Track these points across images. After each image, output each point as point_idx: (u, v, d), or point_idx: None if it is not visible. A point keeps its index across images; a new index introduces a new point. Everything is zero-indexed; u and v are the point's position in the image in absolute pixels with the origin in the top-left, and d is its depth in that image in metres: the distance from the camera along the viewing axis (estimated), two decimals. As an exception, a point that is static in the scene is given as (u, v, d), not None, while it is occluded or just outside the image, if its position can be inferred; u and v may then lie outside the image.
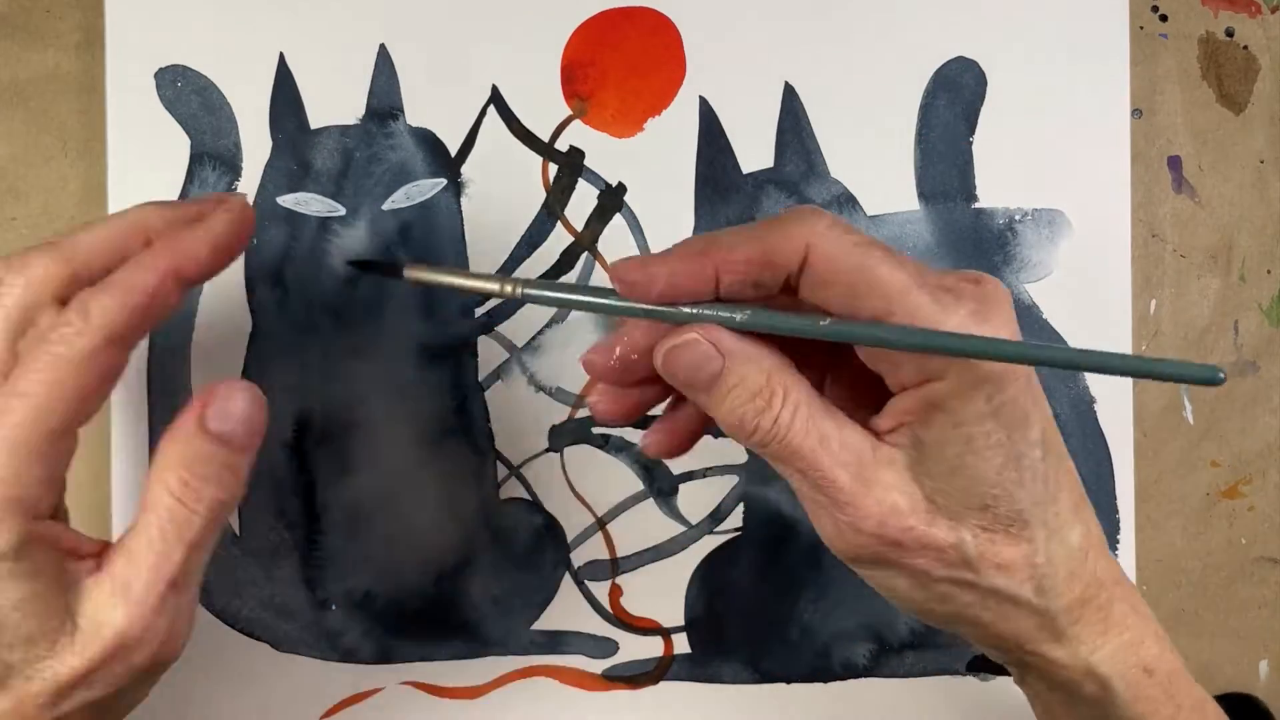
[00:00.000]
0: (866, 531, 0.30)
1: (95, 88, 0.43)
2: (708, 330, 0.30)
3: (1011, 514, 0.30)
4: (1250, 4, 0.46)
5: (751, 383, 0.30)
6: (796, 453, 0.30)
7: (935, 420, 0.29)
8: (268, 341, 0.44)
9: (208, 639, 0.44)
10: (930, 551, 0.30)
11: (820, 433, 0.29)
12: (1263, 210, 0.46)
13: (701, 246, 0.30)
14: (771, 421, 0.30)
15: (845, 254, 0.29)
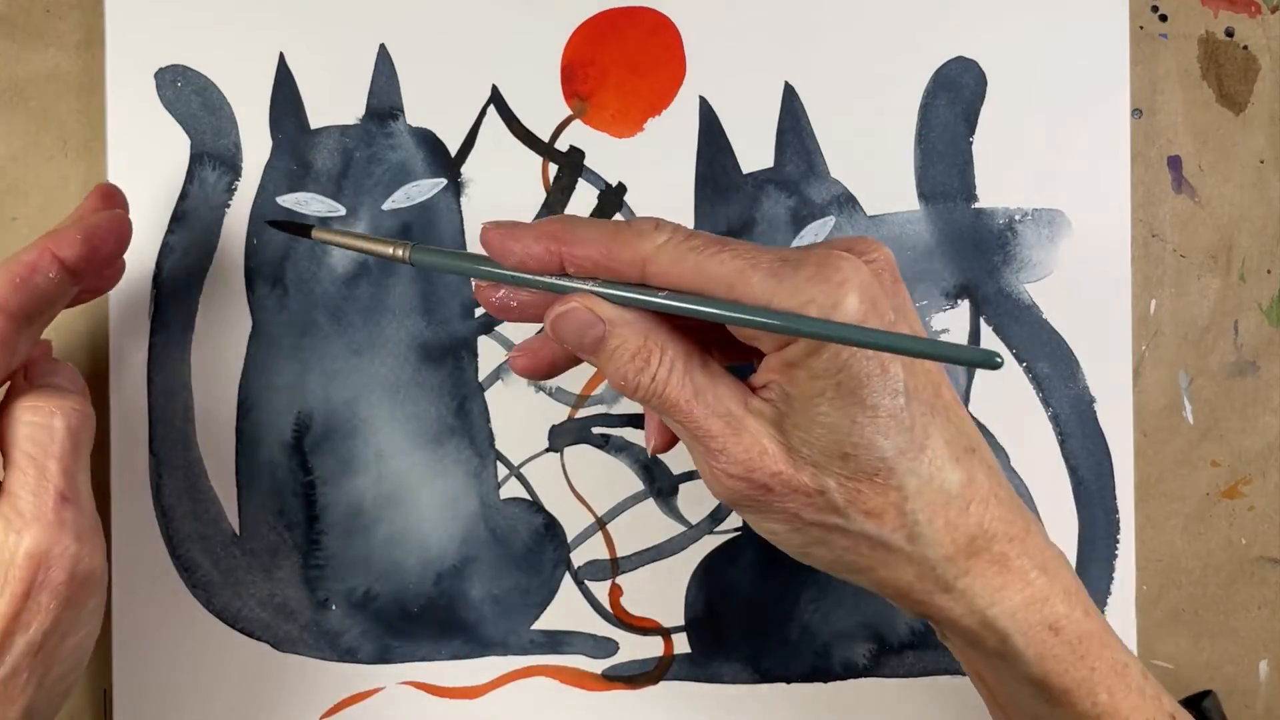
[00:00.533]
0: (737, 475, 0.32)
1: (95, 87, 0.43)
2: (586, 299, 0.32)
3: (874, 462, 0.31)
4: (1250, 4, 0.46)
5: (630, 345, 0.32)
6: (674, 405, 0.32)
7: (795, 377, 0.31)
8: (268, 341, 0.44)
9: (208, 639, 0.44)
10: (798, 495, 0.31)
11: (695, 386, 0.32)
12: (1263, 210, 0.46)
13: (555, 232, 0.32)
14: (650, 378, 0.32)
15: (679, 263, 0.31)
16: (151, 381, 0.43)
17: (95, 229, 0.36)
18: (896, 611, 0.45)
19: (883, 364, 0.30)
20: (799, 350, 0.30)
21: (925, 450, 0.31)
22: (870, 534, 0.32)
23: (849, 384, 0.30)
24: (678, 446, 0.44)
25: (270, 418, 0.44)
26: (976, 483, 0.32)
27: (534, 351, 0.36)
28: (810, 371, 0.30)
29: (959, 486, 0.32)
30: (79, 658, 0.35)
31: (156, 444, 0.43)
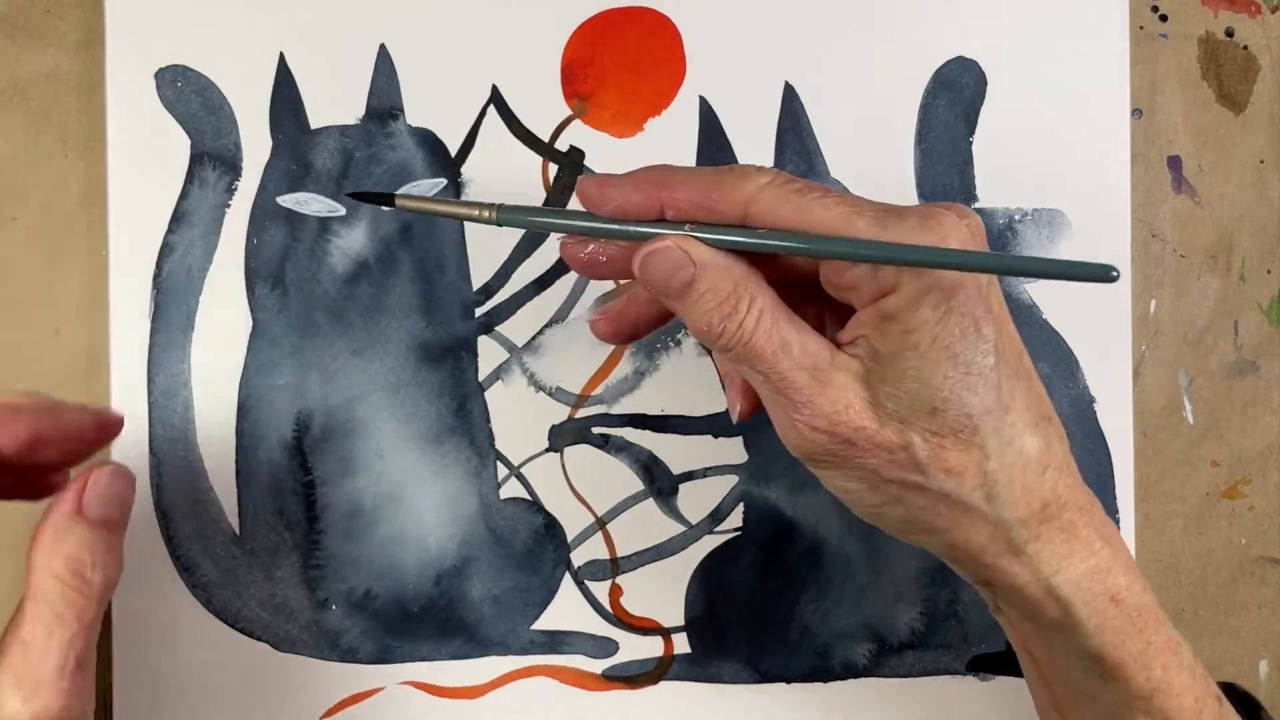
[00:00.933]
0: (821, 429, 0.31)
1: (95, 87, 0.43)
2: (680, 239, 0.32)
3: (960, 419, 0.31)
4: (1250, 4, 0.46)
5: (720, 289, 0.31)
6: (759, 355, 0.31)
7: (888, 330, 0.31)
8: (268, 341, 0.44)
9: (208, 639, 0.44)
10: (881, 451, 0.31)
11: (782, 337, 0.31)
12: (1263, 210, 0.46)
13: (657, 178, 0.32)
14: (736, 325, 0.31)
15: (783, 203, 0.31)
16: (151, 381, 0.43)
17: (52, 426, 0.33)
18: (896, 612, 0.45)
19: (976, 323, 0.30)
20: (897, 302, 0.30)
21: (1009, 412, 0.31)
22: (949, 492, 0.31)
23: (944, 339, 0.30)
24: (675, 446, 0.44)
25: (270, 418, 0.44)
26: (1052, 449, 0.32)
27: (616, 313, 0.35)
28: (905, 325, 0.30)
29: (1037, 451, 0.32)
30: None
31: (156, 444, 0.43)
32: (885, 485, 0.32)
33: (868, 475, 0.32)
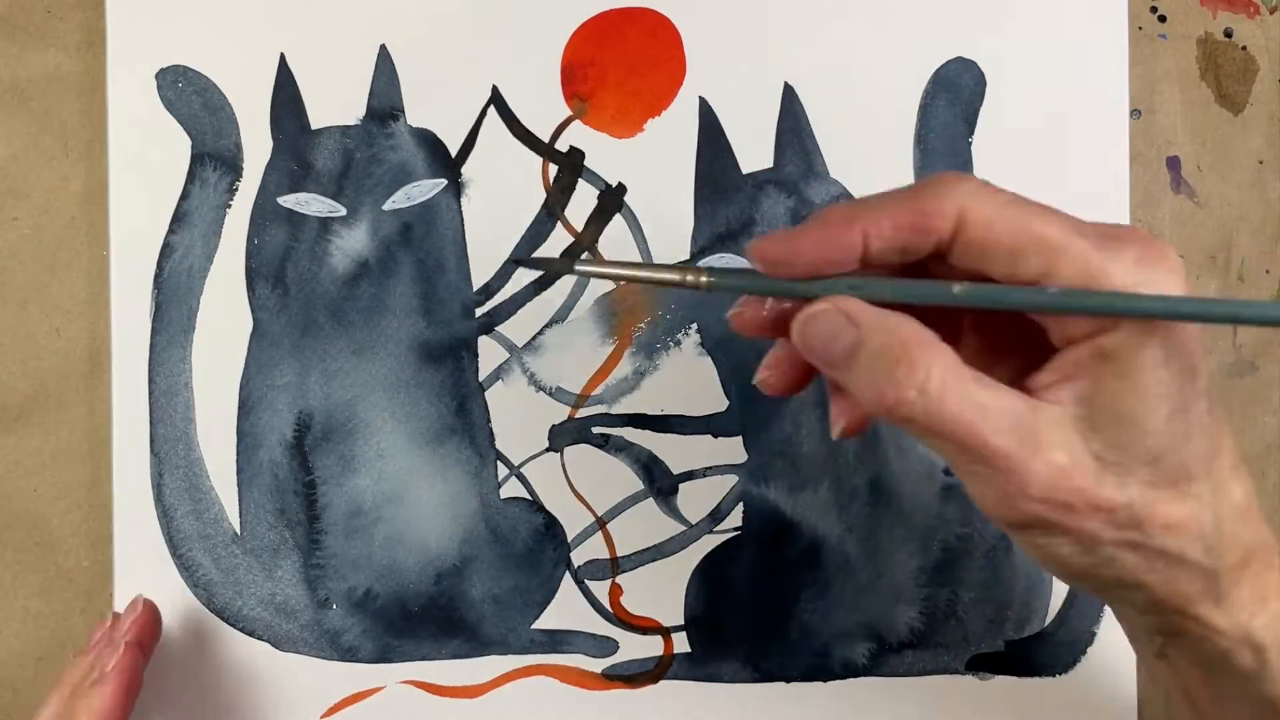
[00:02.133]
0: (1035, 498, 0.28)
1: (96, 88, 0.43)
2: (840, 301, 0.29)
3: (1178, 468, 0.28)
4: (1249, 4, 0.46)
5: (890, 353, 0.28)
6: (949, 423, 0.28)
7: (1105, 372, 0.28)
8: (268, 341, 0.44)
9: (208, 638, 0.44)
10: (1100, 513, 0.28)
11: (973, 401, 0.28)
12: (1261, 210, 0.46)
13: (849, 213, 0.29)
14: (915, 393, 0.28)
15: (1000, 214, 0.28)
16: (152, 381, 0.43)
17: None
18: (895, 611, 0.45)
19: (1193, 364, 0.28)
20: (1117, 341, 0.27)
21: (1218, 457, 0.29)
22: (1168, 549, 0.29)
23: (1170, 383, 0.28)
24: (675, 446, 0.44)
25: (271, 417, 0.44)
26: (1251, 494, 0.30)
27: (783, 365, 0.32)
28: (1125, 367, 0.27)
29: (1243, 498, 0.30)
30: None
31: (157, 444, 0.43)
32: (1101, 547, 0.29)
33: (1084, 538, 0.29)
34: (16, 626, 0.44)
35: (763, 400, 0.44)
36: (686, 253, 0.45)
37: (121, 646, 0.40)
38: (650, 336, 0.44)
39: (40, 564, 0.44)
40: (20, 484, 0.44)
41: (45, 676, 0.44)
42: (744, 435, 0.45)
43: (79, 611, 0.44)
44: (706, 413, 0.45)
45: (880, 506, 0.45)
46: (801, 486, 0.45)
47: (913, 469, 0.45)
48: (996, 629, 0.45)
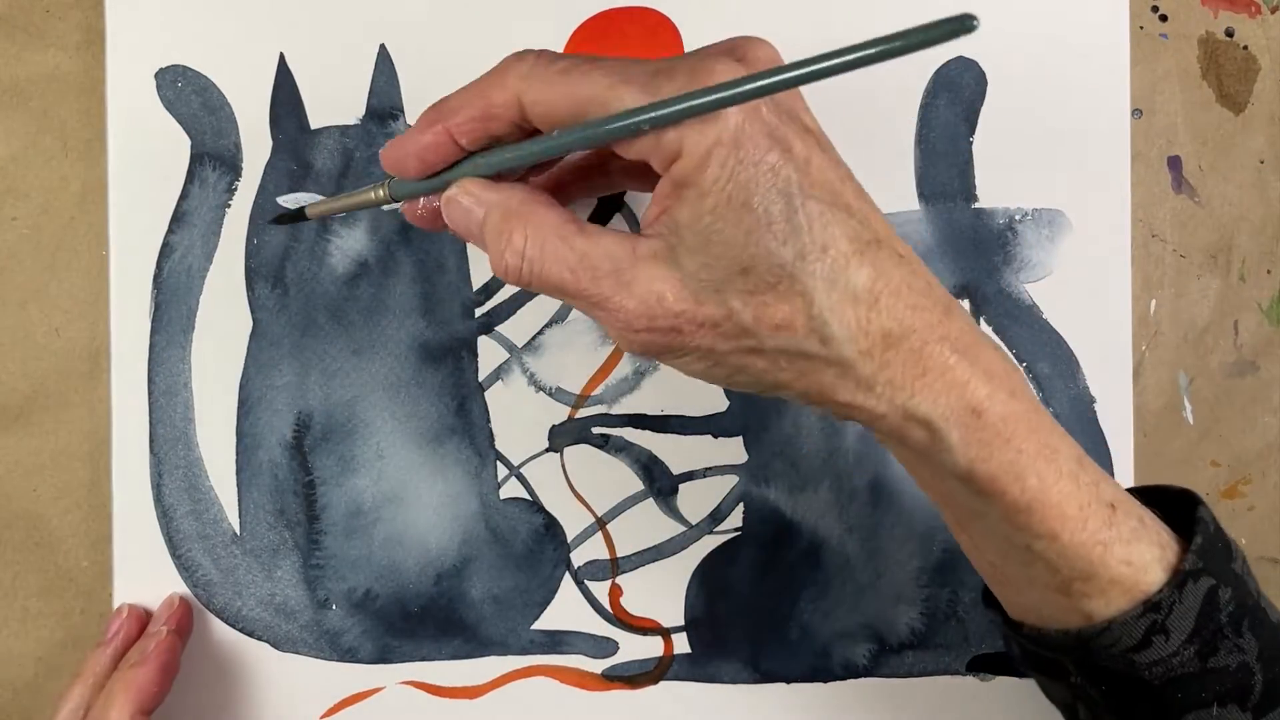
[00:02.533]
0: (641, 329, 0.31)
1: (96, 88, 0.43)
2: (464, 184, 0.32)
3: (774, 271, 0.30)
4: (1250, 4, 0.46)
5: (496, 225, 0.31)
6: (552, 280, 0.31)
7: (684, 197, 0.29)
8: (268, 341, 0.44)
9: (208, 638, 0.44)
10: (707, 329, 0.30)
11: (575, 252, 0.31)
12: (1262, 210, 0.46)
13: (433, 115, 0.32)
14: (518, 259, 0.31)
15: (551, 87, 0.30)
16: (152, 381, 0.43)
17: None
18: (896, 612, 0.45)
19: (772, 169, 0.29)
20: (684, 166, 0.29)
21: (827, 251, 0.30)
22: (784, 347, 0.31)
23: (739, 194, 0.29)
24: (675, 446, 0.44)
25: (270, 417, 0.44)
26: (886, 275, 0.31)
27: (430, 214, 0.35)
28: (699, 188, 0.29)
29: (866, 282, 0.30)
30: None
31: (157, 444, 0.43)
32: (726, 357, 0.31)
33: (706, 354, 0.31)
34: (16, 626, 0.44)
35: (763, 400, 0.44)
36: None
37: (163, 632, 0.41)
38: (650, 336, 0.44)
39: (40, 564, 0.44)
40: (20, 484, 0.44)
41: (45, 676, 0.44)
42: (744, 435, 0.45)
43: (79, 611, 0.44)
44: (706, 413, 0.45)
45: (880, 507, 0.45)
46: (802, 487, 0.45)
47: (913, 469, 0.45)
48: (997, 629, 0.45)
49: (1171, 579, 0.32)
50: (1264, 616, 0.33)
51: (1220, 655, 0.32)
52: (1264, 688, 0.32)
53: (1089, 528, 0.32)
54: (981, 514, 0.33)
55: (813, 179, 0.30)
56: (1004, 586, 0.35)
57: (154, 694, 0.40)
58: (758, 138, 0.29)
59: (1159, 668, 0.32)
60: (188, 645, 0.43)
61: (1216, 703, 0.32)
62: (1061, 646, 0.33)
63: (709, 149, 0.29)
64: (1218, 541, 0.33)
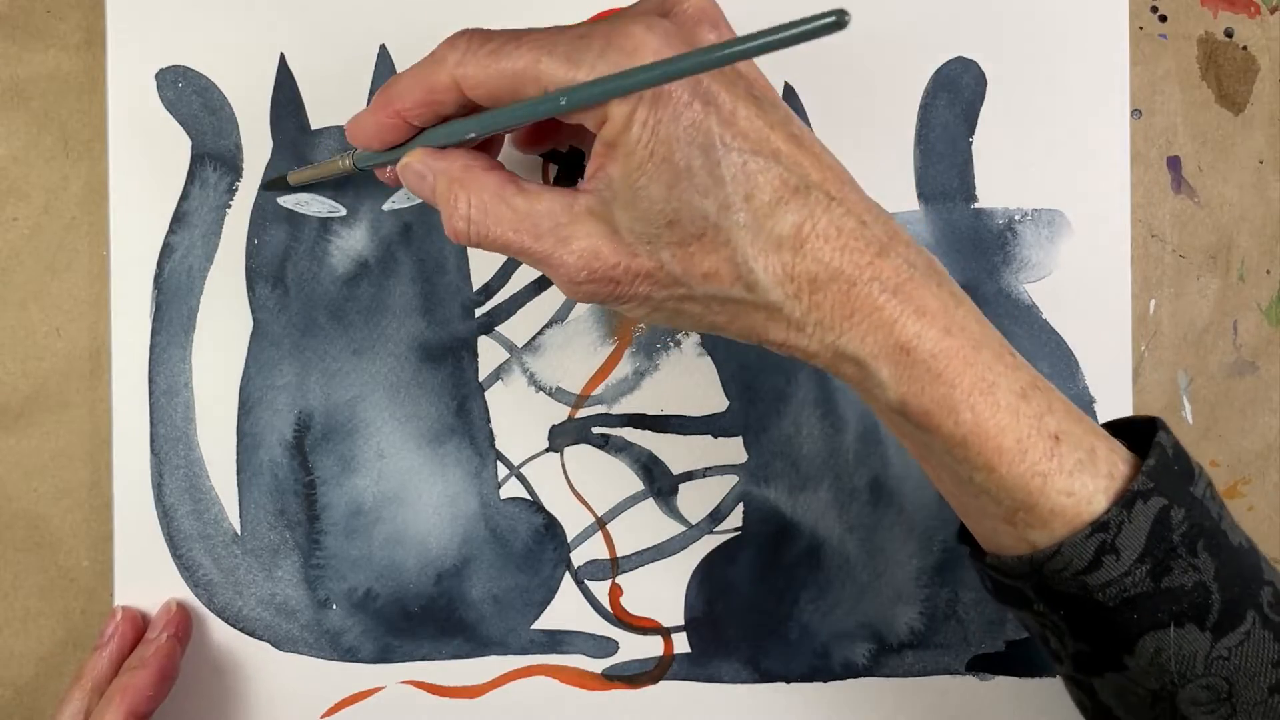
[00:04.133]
0: (582, 281, 0.32)
1: (96, 88, 0.43)
2: (413, 155, 0.34)
3: (699, 223, 0.31)
4: (1250, 4, 0.46)
5: (441, 191, 0.34)
6: (497, 240, 0.33)
7: (614, 155, 0.31)
8: (269, 341, 0.44)
9: (209, 638, 0.44)
10: (642, 279, 0.32)
11: (515, 214, 0.33)
12: (1262, 210, 0.46)
13: (385, 97, 0.34)
14: (464, 222, 0.33)
15: (484, 69, 0.31)
16: (152, 381, 0.43)
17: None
18: (895, 611, 0.45)
19: (693, 123, 0.30)
20: (611, 128, 0.30)
21: (750, 200, 0.31)
22: (714, 294, 0.32)
23: (661, 150, 0.30)
24: (675, 446, 0.45)
25: (271, 417, 0.44)
26: (814, 219, 0.31)
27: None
28: (626, 148, 0.30)
29: (791, 229, 0.31)
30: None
31: (157, 444, 0.43)
32: (662, 304, 0.33)
33: (644, 301, 0.33)
34: (17, 626, 0.44)
35: (763, 400, 0.44)
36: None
37: (163, 638, 0.42)
38: (650, 336, 0.44)
39: (40, 564, 0.44)
40: (21, 484, 0.44)
41: (46, 676, 0.44)
42: (744, 435, 0.45)
43: (79, 611, 0.44)
44: (706, 413, 0.45)
45: (880, 507, 0.45)
46: (802, 487, 0.45)
47: (913, 469, 0.45)
48: (997, 629, 0.45)
49: (1119, 499, 0.32)
50: (1224, 540, 0.33)
51: (1174, 575, 0.32)
52: (1222, 607, 0.32)
53: (1027, 460, 0.32)
54: (927, 446, 0.33)
55: (738, 129, 0.31)
56: (965, 518, 0.36)
57: (151, 699, 0.40)
58: (680, 93, 0.30)
59: (1112, 589, 0.32)
60: (188, 645, 0.43)
61: (1174, 623, 0.32)
62: (1018, 573, 0.33)
63: (631, 110, 0.30)
64: (1175, 464, 0.33)
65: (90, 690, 0.40)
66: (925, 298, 0.32)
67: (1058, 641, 0.35)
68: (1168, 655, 0.32)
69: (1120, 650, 0.33)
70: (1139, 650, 0.32)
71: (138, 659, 0.41)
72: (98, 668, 0.41)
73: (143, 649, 0.42)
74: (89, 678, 0.41)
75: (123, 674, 0.40)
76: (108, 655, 0.41)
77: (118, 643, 0.42)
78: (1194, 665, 0.32)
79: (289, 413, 0.44)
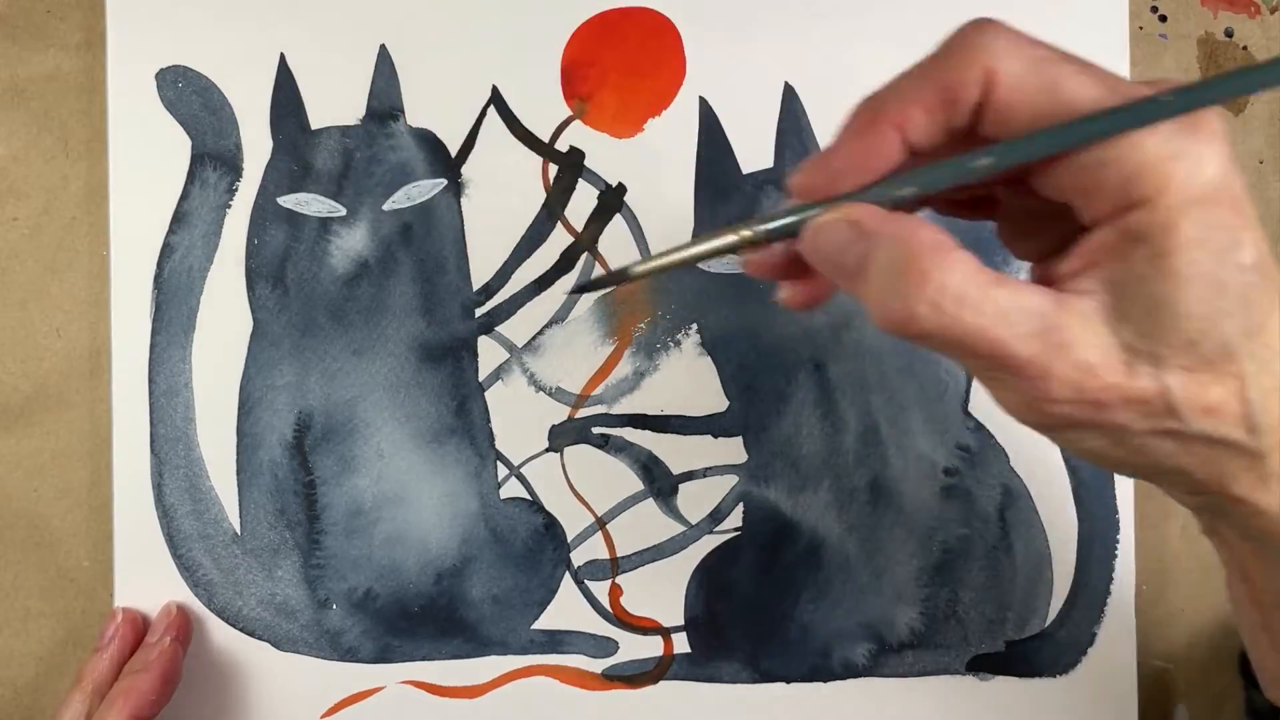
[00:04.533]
0: (1062, 399, 0.26)
1: (96, 88, 0.43)
2: (850, 209, 0.27)
3: (1218, 348, 0.26)
4: (1250, 4, 0.46)
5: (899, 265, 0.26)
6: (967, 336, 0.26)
7: (1135, 254, 0.26)
8: (269, 341, 0.44)
9: (209, 638, 0.44)
10: (1134, 405, 0.27)
11: (992, 306, 0.26)
12: (1261, 210, 0.46)
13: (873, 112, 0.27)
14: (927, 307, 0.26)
15: (1032, 74, 0.26)
16: (153, 381, 0.43)
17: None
18: (895, 611, 0.45)
19: (1235, 234, 0.25)
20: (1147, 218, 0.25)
21: (1264, 331, 0.27)
22: (1207, 433, 0.27)
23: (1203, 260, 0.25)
24: (675, 446, 0.44)
25: (271, 417, 0.44)
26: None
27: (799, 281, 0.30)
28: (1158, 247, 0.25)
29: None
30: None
31: (158, 444, 0.43)
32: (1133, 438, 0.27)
33: (1113, 432, 0.27)
34: (17, 626, 0.44)
35: (763, 400, 0.44)
36: (686, 253, 0.45)
37: (165, 641, 0.42)
38: (650, 336, 0.44)
39: (41, 564, 0.44)
40: (21, 484, 0.44)
41: (46, 676, 0.44)
42: (744, 435, 0.45)
43: (79, 611, 0.44)
44: (706, 413, 0.45)
45: (880, 507, 0.45)
46: (801, 487, 0.45)
47: (913, 469, 0.45)
48: (997, 629, 0.45)
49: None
50: None
51: None
52: None
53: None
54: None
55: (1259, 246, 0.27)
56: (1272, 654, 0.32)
57: (154, 703, 0.40)
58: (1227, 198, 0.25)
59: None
60: (189, 645, 0.43)
61: None
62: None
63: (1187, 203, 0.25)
64: None
65: (91, 693, 0.40)
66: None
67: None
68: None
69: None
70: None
71: (140, 662, 0.41)
72: (98, 670, 0.41)
73: (145, 652, 0.42)
74: (89, 680, 0.41)
75: (124, 677, 0.40)
76: (108, 657, 0.41)
77: (118, 645, 0.42)
78: None
79: (289, 413, 0.44)
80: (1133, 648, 0.45)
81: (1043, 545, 0.45)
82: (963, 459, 0.45)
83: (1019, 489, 0.45)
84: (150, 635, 0.43)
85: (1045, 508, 0.45)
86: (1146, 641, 0.46)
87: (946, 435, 0.45)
